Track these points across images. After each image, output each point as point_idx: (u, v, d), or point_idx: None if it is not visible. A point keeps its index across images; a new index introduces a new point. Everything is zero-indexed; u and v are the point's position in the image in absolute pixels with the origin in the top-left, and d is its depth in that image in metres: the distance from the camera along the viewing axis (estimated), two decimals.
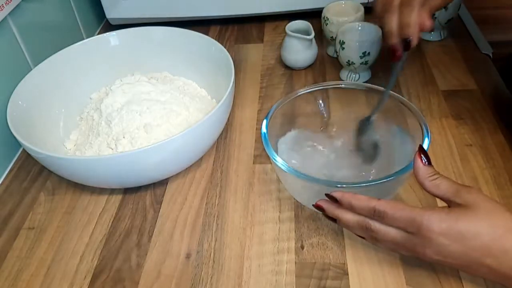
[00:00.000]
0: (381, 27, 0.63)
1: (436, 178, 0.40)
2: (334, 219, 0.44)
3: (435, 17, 0.70)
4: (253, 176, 0.55)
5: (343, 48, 0.63)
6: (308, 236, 0.48)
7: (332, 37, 0.69)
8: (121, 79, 0.67)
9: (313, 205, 0.45)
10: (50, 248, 0.50)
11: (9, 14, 0.60)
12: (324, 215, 0.45)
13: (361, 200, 0.41)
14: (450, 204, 0.40)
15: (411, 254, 0.40)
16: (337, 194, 0.43)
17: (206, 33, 0.65)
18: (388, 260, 0.45)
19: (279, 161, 0.46)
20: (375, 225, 0.41)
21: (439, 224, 0.37)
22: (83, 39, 0.71)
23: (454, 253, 0.38)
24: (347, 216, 0.42)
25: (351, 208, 0.42)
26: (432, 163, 0.41)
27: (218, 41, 0.63)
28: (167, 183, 0.56)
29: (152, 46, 0.67)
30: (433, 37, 0.74)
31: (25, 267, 0.48)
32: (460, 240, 0.37)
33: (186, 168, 0.57)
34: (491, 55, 0.70)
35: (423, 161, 0.41)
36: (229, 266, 0.46)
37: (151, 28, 0.67)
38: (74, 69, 0.64)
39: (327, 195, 0.44)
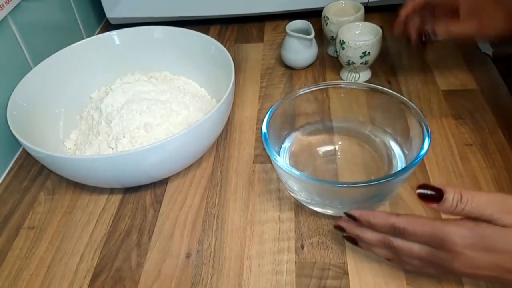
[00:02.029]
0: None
1: (459, 206, 0.37)
2: (355, 242, 0.43)
3: None
4: (253, 175, 0.55)
5: (343, 48, 0.63)
6: (308, 236, 0.48)
7: (332, 36, 0.69)
8: (121, 78, 0.67)
9: (334, 226, 0.44)
10: (50, 248, 0.50)
11: (9, 13, 0.60)
12: (344, 237, 0.44)
13: (380, 218, 0.39)
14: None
15: (441, 272, 0.39)
16: (355, 213, 0.41)
17: (206, 33, 0.65)
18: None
19: (279, 161, 0.46)
20: (397, 242, 0.39)
21: (463, 241, 0.36)
22: (83, 38, 0.70)
23: (485, 265, 0.36)
24: (368, 235, 0.41)
25: (371, 226, 0.40)
26: (432, 163, 0.41)
27: (218, 40, 0.63)
28: (167, 183, 0.56)
29: (152, 45, 0.67)
30: (432, 36, 0.74)
31: (25, 266, 0.48)
32: (490, 252, 0.35)
33: (186, 168, 0.57)
34: (491, 55, 0.70)
35: (434, 200, 0.37)
36: (229, 265, 0.46)
37: (151, 28, 0.67)
38: (74, 68, 0.64)
39: (345, 213, 0.42)
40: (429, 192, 0.37)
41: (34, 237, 0.51)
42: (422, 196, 0.38)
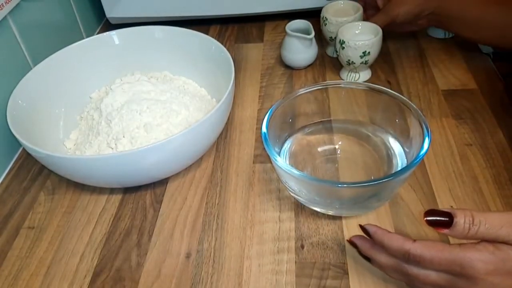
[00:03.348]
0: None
1: (472, 229, 0.35)
2: (369, 259, 0.41)
3: None
4: (253, 175, 0.55)
5: (343, 48, 0.63)
6: (308, 236, 0.48)
7: (331, 37, 0.69)
8: (121, 78, 0.67)
9: (348, 241, 0.43)
10: (50, 248, 0.50)
11: (9, 13, 0.60)
12: (358, 252, 0.43)
13: (394, 241, 0.37)
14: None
15: None
16: (370, 228, 0.39)
17: (206, 33, 0.65)
18: None
19: (279, 161, 0.46)
20: (413, 270, 0.37)
21: (485, 267, 0.34)
22: (83, 38, 0.70)
23: None
24: (381, 258, 0.39)
25: (383, 248, 0.38)
26: (432, 163, 0.41)
27: (218, 40, 0.63)
28: (167, 183, 0.56)
29: (152, 45, 0.67)
30: (436, 34, 0.74)
31: (25, 266, 0.48)
32: None
33: (186, 168, 0.57)
34: (491, 55, 0.70)
35: (444, 226, 0.35)
36: (229, 265, 0.46)
37: (151, 28, 0.67)
38: (74, 68, 0.64)
39: (360, 226, 0.41)
40: (438, 218, 0.35)
41: (34, 237, 0.51)
42: (431, 223, 0.36)
